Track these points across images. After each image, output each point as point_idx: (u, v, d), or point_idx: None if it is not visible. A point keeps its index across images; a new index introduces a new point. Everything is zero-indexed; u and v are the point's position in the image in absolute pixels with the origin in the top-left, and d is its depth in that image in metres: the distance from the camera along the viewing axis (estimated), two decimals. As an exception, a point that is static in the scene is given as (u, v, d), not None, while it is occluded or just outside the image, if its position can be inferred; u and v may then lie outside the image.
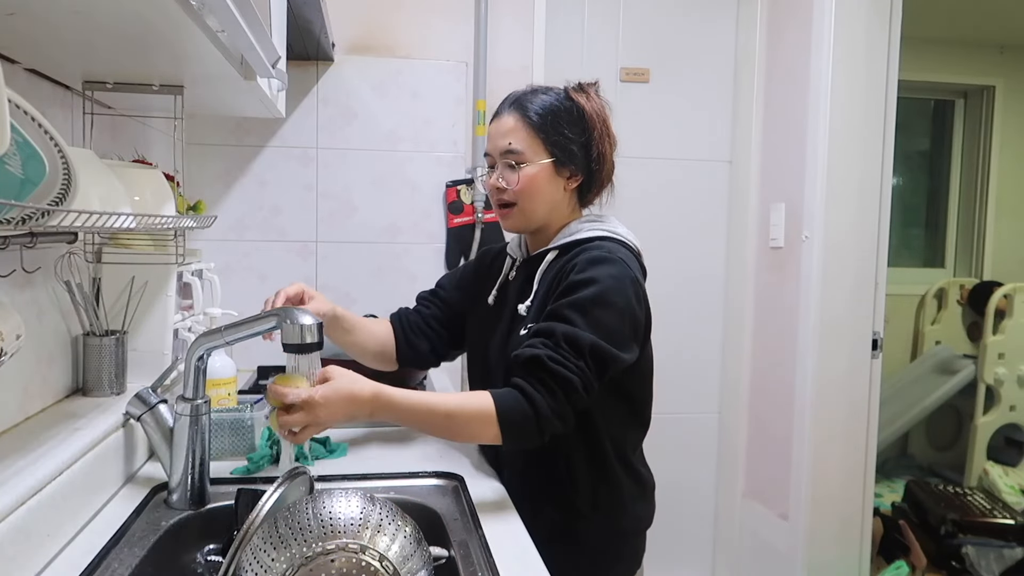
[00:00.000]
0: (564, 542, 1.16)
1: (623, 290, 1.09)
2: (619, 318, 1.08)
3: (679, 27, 2.46)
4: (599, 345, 1.05)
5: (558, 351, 1.04)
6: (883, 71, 2.13)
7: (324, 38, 1.86)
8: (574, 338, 1.04)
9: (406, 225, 2.18)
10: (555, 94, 1.20)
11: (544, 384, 1.04)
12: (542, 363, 1.04)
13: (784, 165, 2.30)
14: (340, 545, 0.77)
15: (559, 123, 1.17)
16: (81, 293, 1.18)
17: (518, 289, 1.25)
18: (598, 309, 1.07)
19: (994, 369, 3.22)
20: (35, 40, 0.92)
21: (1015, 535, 2.63)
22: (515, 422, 1.04)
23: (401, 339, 1.38)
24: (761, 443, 2.43)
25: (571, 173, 1.19)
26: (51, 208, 0.77)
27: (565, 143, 1.17)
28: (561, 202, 1.21)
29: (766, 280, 2.41)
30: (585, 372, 1.04)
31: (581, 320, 1.06)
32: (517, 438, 1.05)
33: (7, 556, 0.77)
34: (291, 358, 0.98)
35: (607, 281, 1.08)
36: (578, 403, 1.06)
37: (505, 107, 1.20)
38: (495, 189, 1.20)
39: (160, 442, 1.08)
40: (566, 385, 1.03)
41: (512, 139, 1.17)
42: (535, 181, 1.16)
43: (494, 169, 1.21)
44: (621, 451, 1.20)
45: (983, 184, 3.71)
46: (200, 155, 2.04)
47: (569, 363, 1.04)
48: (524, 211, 1.19)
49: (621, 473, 1.20)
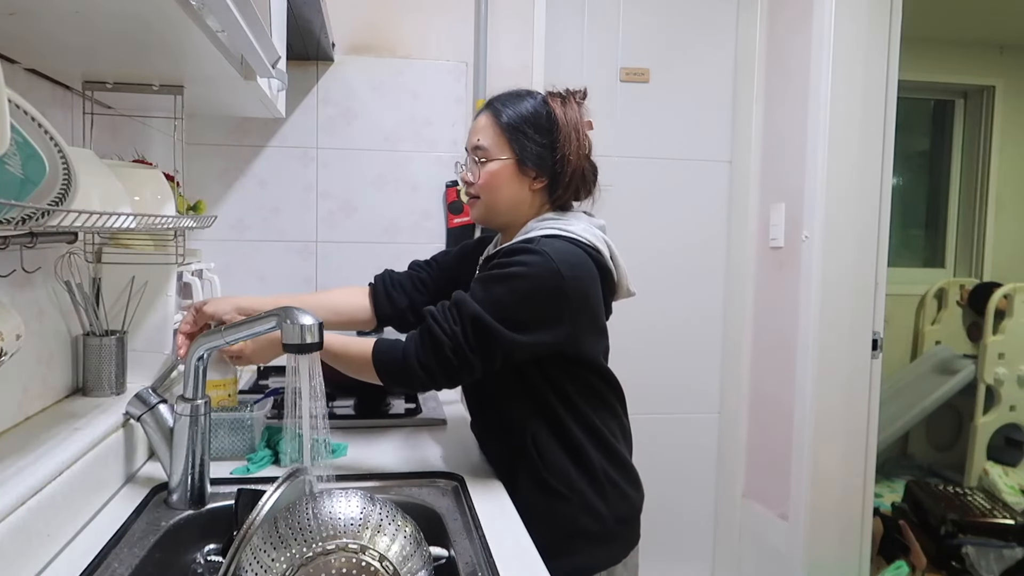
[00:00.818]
0: (544, 521, 1.16)
1: (534, 276, 1.11)
2: (517, 300, 1.11)
3: (679, 27, 2.46)
4: (481, 317, 1.10)
5: (442, 313, 1.13)
6: (883, 71, 2.13)
7: (324, 38, 1.86)
8: (460, 304, 1.11)
9: (406, 225, 2.18)
10: (532, 98, 1.25)
11: (421, 337, 1.13)
12: (424, 319, 1.14)
13: (784, 165, 2.30)
14: (340, 545, 0.77)
15: (526, 125, 1.22)
16: (81, 293, 1.18)
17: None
18: (500, 287, 1.12)
19: (994, 369, 3.22)
20: (35, 40, 0.92)
21: (1015, 535, 2.63)
22: (384, 363, 1.14)
23: (381, 294, 1.44)
24: (761, 443, 2.43)
25: (536, 174, 1.23)
26: (51, 208, 0.77)
27: (529, 144, 1.21)
28: (524, 201, 1.25)
29: (766, 280, 2.41)
30: (458, 338, 1.10)
31: (480, 293, 1.12)
32: (390, 379, 1.15)
33: (7, 556, 0.77)
34: (291, 358, 0.98)
35: (519, 268, 1.12)
36: (447, 365, 1.11)
37: (481, 110, 1.27)
38: (464, 182, 1.29)
39: (160, 442, 1.09)
40: (435, 344, 1.11)
41: (480, 136, 1.24)
42: (496, 177, 1.23)
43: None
44: (596, 434, 1.22)
45: (983, 184, 3.71)
46: (200, 155, 2.04)
47: (445, 325, 1.11)
48: (486, 203, 1.25)
49: (598, 456, 1.22)
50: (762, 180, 2.43)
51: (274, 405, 1.50)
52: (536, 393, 1.20)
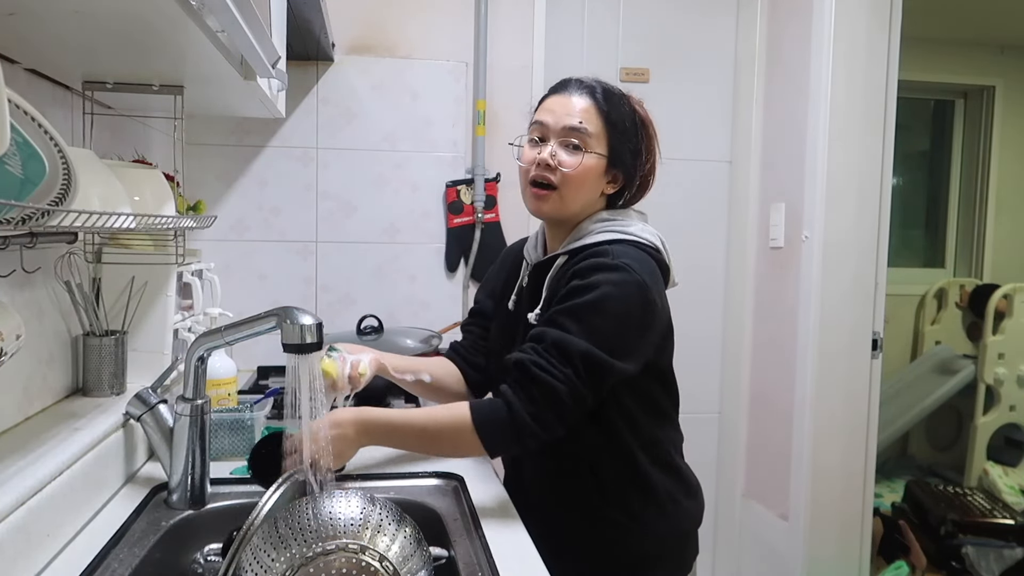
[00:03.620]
0: (600, 554, 1.11)
1: (625, 297, 1.03)
2: (617, 326, 1.03)
3: (679, 27, 2.46)
4: (592, 353, 1.00)
5: (544, 357, 1.01)
6: (883, 71, 2.13)
7: (324, 38, 1.86)
8: (563, 344, 1.01)
9: (406, 225, 2.18)
10: (623, 95, 1.15)
11: (525, 390, 1.01)
12: (526, 368, 1.02)
13: (784, 165, 2.30)
14: (340, 545, 0.77)
15: (624, 123, 1.12)
16: (81, 293, 1.18)
17: (529, 296, 1.21)
18: (595, 316, 1.02)
19: (994, 369, 3.22)
20: (35, 40, 0.92)
21: (1015, 535, 2.63)
22: (492, 431, 1.02)
23: (461, 363, 1.34)
24: (761, 443, 2.43)
25: (614, 177, 1.14)
26: (51, 208, 0.76)
27: (623, 147, 1.13)
28: (593, 203, 1.15)
29: (766, 280, 2.41)
30: (572, 380, 1.00)
31: (575, 326, 1.02)
32: (497, 446, 1.04)
33: (7, 556, 0.77)
34: (291, 358, 0.98)
35: (606, 288, 1.03)
36: (564, 411, 1.01)
37: (573, 87, 1.13)
38: (541, 164, 1.10)
39: (160, 442, 1.09)
40: (548, 392, 1.00)
41: (585, 119, 1.10)
42: (589, 173, 1.10)
43: (543, 143, 1.12)
44: (656, 453, 1.15)
45: (983, 184, 3.71)
46: (200, 155, 2.04)
47: (555, 370, 1.00)
48: (564, 198, 1.11)
49: (659, 475, 1.14)
50: (762, 180, 2.43)
51: (274, 405, 1.50)
52: (598, 416, 1.09)
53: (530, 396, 1.01)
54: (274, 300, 2.05)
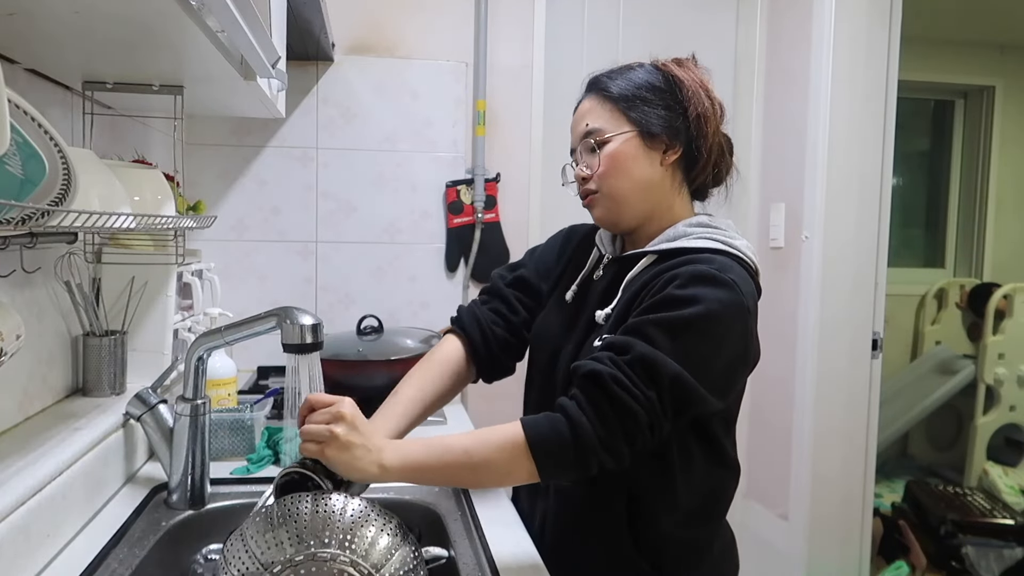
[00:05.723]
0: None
1: (730, 321, 0.88)
2: (716, 353, 0.88)
3: (679, 27, 2.46)
4: (684, 380, 0.84)
5: (626, 373, 0.84)
6: (883, 71, 2.13)
7: (324, 38, 1.86)
8: (652, 362, 0.84)
9: (406, 225, 2.18)
10: (640, 67, 1.06)
11: (596, 408, 0.84)
12: (603, 383, 0.84)
13: (784, 165, 2.30)
14: (333, 555, 0.77)
15: (643, 90, 1.01)
16: (81, 293, 1.18)
17: (601, 292, 1.04)
18: (693, 336, 0.86)
19: (994, 369, 3.22)
20: (35, 40, 0.92)
21: (1015, 535, 2.63)
22: (549, 452, 0.84)
23: (475, 334, 1.14)
24: (761, 443, 2.43)
25: (666, 145, 1.00)
26: (51, 208, 0.77)
27: (651, 110, 1.00)
28: (656, 183, 1.01)
29: (766, 280, 2.40)
30: (655, 406, 0.84)
31: (668, 343, 0.85)
32: (552, 472, 0.86)
33: (7, 556, 0.77)
34: (291, 358, 0.98)
35: (712, 305, 0.86)
36: (637, 441, 0.85)
37: (582, 92, 1.08)
38: (580, 180, 1.03)
39: (160, 442, 1.09)
40: (625, 415, 0.83)
41: (589, 119, 1.02)
42: (619, 158, 0.99)
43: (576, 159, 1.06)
44: (707, 504, 0.99)
45: (983, 184, 3.71)
46: (200, 155, 2.04)
47: (637, 390, 0.83)
48: (611, 195, 1.00)
49: (708, 531, 1.01)
50: (762, 180, 2.43)
51: (274, 405, 1.50)
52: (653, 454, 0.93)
53: (602, 416, 0.84)
54: (274, 300, 2.05)
